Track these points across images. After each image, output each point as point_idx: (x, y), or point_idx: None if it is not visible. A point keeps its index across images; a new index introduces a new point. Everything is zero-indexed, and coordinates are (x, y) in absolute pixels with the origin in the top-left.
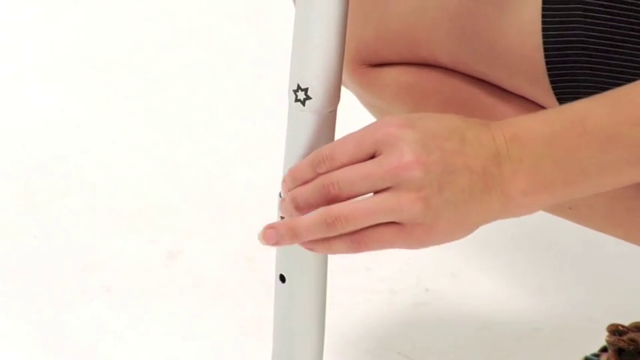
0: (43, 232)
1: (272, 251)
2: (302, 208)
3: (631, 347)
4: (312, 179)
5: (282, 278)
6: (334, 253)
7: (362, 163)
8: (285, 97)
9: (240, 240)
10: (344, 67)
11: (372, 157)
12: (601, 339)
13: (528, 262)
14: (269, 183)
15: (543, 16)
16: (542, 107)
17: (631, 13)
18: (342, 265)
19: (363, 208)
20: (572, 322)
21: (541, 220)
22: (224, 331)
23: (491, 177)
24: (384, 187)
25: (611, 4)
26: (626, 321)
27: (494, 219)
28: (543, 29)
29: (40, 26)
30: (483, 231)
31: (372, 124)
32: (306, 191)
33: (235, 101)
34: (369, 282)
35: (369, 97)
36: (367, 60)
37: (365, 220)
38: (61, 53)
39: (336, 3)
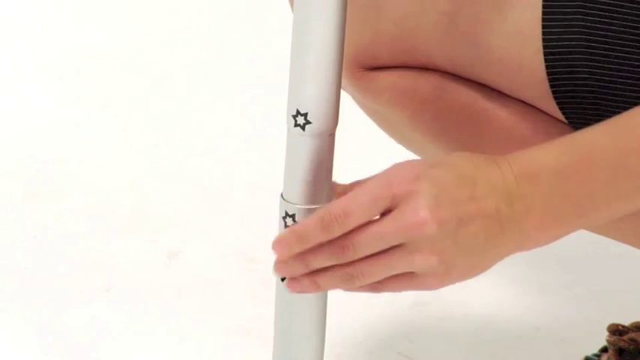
0: (43, 232)
1: (272, 251)
2: (317, 272)
3: (631, 347)
4: (323, 242)
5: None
6: (356, 291)
7: (377, 223)
8: (286, 96)
9: (240, 240)
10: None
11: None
12: (601, 339)
13: (528, 262)
14: (269, 183)
15: (543, 20)
16: (541, 111)
17: (631, 17)
18: None
19: (379, 266)
20: (572, 322)
21: None
22: (224, 331)
23: (505, 217)
24: (397, 243)
25: (611, 7)
26: (626, 321)
27: (510, 254)
28: (543, 33)
29: (40, 26)
30: None
31: (384, 175)
32: (321, 258)
33: (235, 101)
34: None
35: (367, 100)
36: (365, 64)
37: (380, 275)
38: (61, 53)
39: (334, 28)
